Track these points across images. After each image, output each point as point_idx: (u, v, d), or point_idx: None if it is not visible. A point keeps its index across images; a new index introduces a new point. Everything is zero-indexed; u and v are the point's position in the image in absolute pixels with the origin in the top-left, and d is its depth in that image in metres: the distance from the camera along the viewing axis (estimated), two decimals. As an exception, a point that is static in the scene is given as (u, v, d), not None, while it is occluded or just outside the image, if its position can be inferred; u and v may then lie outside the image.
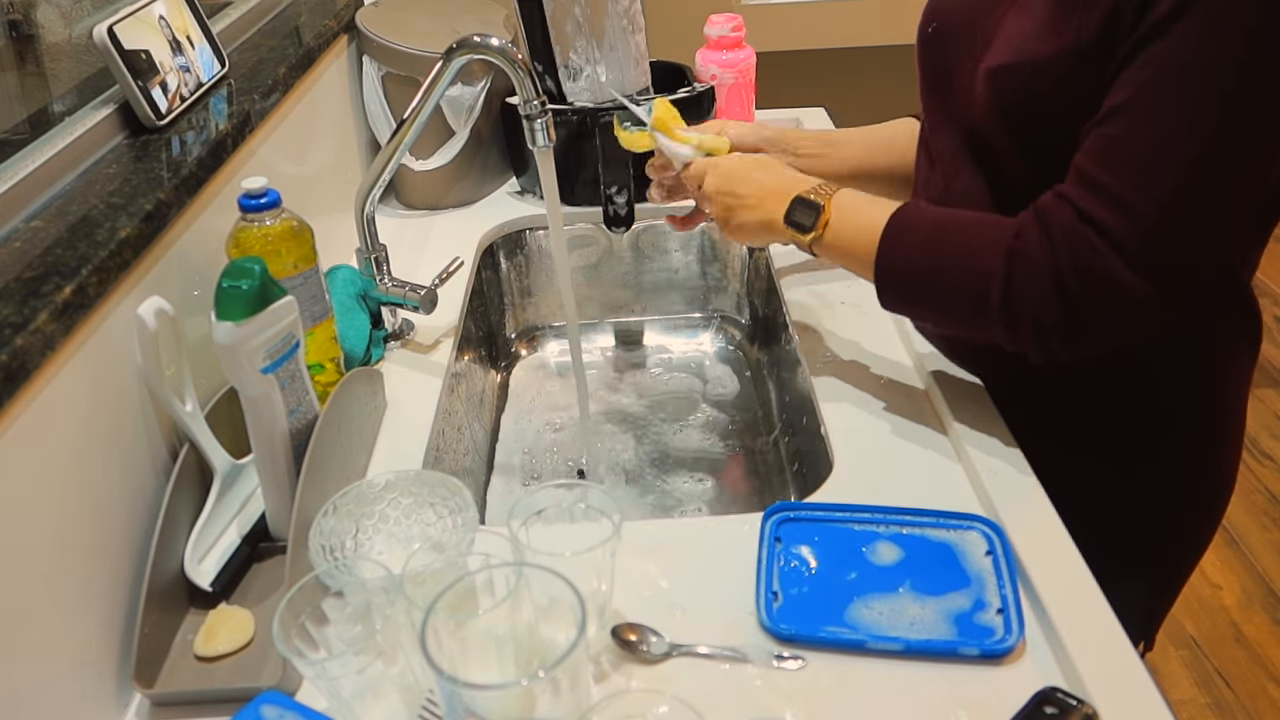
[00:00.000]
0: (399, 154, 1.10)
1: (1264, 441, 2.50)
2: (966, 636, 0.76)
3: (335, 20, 1.40)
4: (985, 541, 0.83)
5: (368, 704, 0.68)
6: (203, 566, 0.84)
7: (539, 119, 1.00)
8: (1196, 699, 1.91)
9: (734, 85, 1.51)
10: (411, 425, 1.04)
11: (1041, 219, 0.81)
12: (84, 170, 0.92)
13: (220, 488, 0.87)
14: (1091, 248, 0.77)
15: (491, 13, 1.53)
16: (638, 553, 0.85)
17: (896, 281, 0.89)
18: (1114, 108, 0.77)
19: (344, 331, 1.09)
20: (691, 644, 0.76)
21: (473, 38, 1.01)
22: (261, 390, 0.83)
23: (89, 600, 0.74)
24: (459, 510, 0.81)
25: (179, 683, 0.77)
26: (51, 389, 0.71)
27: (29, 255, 0.77)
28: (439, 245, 1.38)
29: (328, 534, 0.79)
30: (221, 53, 1.14)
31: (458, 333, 1.20)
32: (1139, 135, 0.76)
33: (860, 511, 0.87)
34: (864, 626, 0.77)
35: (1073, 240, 0.78)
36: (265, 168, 1.11)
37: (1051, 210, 0.80)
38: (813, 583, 0.81)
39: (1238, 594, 2.12)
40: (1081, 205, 0.78)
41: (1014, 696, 0.71)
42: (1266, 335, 2.89)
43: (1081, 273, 0.78)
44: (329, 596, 0.71)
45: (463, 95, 1.43)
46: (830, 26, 2.43)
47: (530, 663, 0.72)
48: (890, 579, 0.81)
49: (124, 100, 0.99)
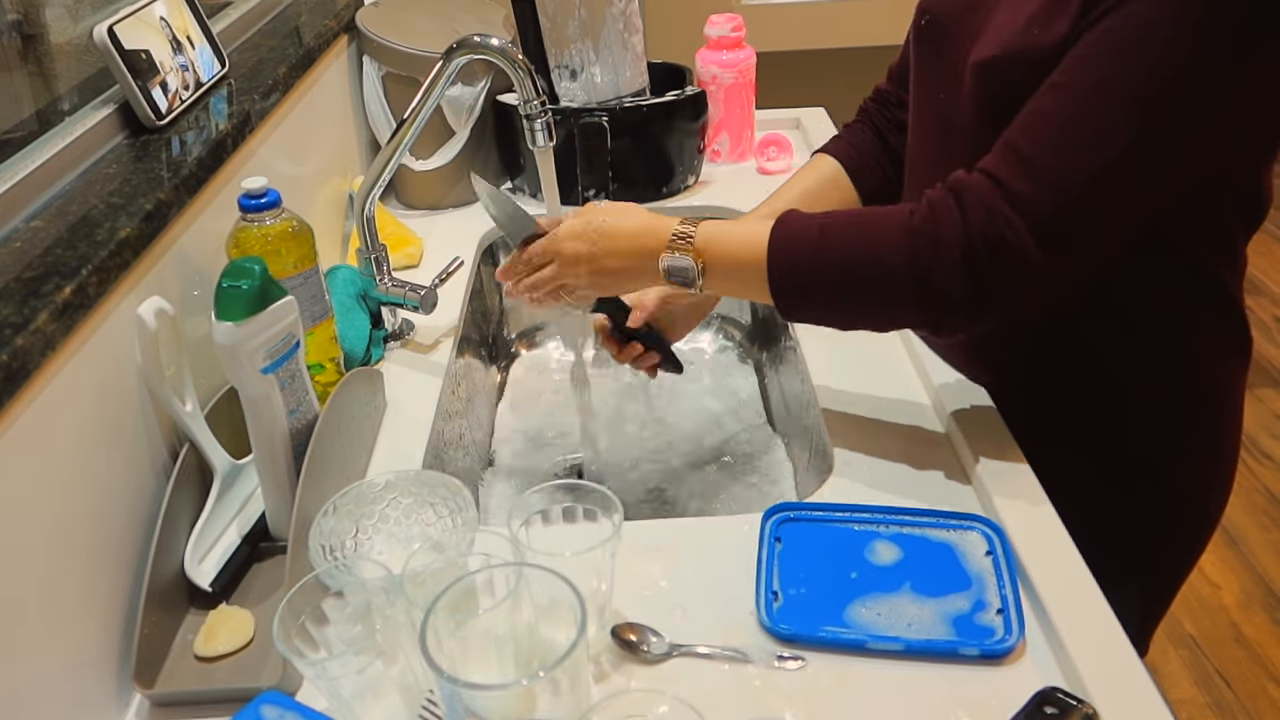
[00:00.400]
0: (399, 154, 1.10)
1: (1264, 441, 2.50)
2: (966, 637, 0.75)
3: (335, 20, 1.40)
4: (985, 542, 0.83)
5: (368, 704, 0.68)
6: (203, 567, 0.84)
7: (539, 119, 1.00)
8: (1196, 699, 1.91)
9: (734, 85, 1.51)
10: (411, 425, 1.04)
11: (956, 191, 0.81)
12: (84, 170, 0.92)
13: (220, 488, 0.87)
14: (1004, 217, 0.78)
15: (491, 13, 1.53)
16: (638, 553, 0.85)
17: (794, 289, 0.86)
18: (1051, 84, 0.78)
19: (344, 331, 1.09)
20: (691, 644, 0.76)
21: (473, 38, 1.01)
22: (261, 390, 0.83)
23: (89, 600, 0.74)
24: (459, 510, 0.81)
25: (179, 683, 0.77)
26: (51, 389, 0.71)
27: (29, 255, 0.77)
28: (439, 245, 1.38)
29: (328, 534, 0.79)
30: (221, 53, 1.14)
31: (458, 333, 1.20)
32: (1067, 110, 0.77)
33: (860, 511, 0.87)
34: (864, 627, 0.77)
35: (987, 210, 0.78)
36: (265, 168, 1.11)
37: (968, 183, 0.80)
38: (813, 583, 0.81)
39: (1237, 594, 2.12)
40: (1000, 175, 0.79)
41: (1014, 697, 0.71)
42: (1266, 335, 2.89)
43: (992, 242, 0.78)
44: (329, 596, 0.71)
45: (463, 95, 1.43)
46: (830, 26, 2.44)
47: (530, 663, 0.72)
48: (890, 579, 0.81)
49: (124, 100, 0.99)
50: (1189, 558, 1.05)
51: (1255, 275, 3.14)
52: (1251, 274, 3.00)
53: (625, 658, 0.76)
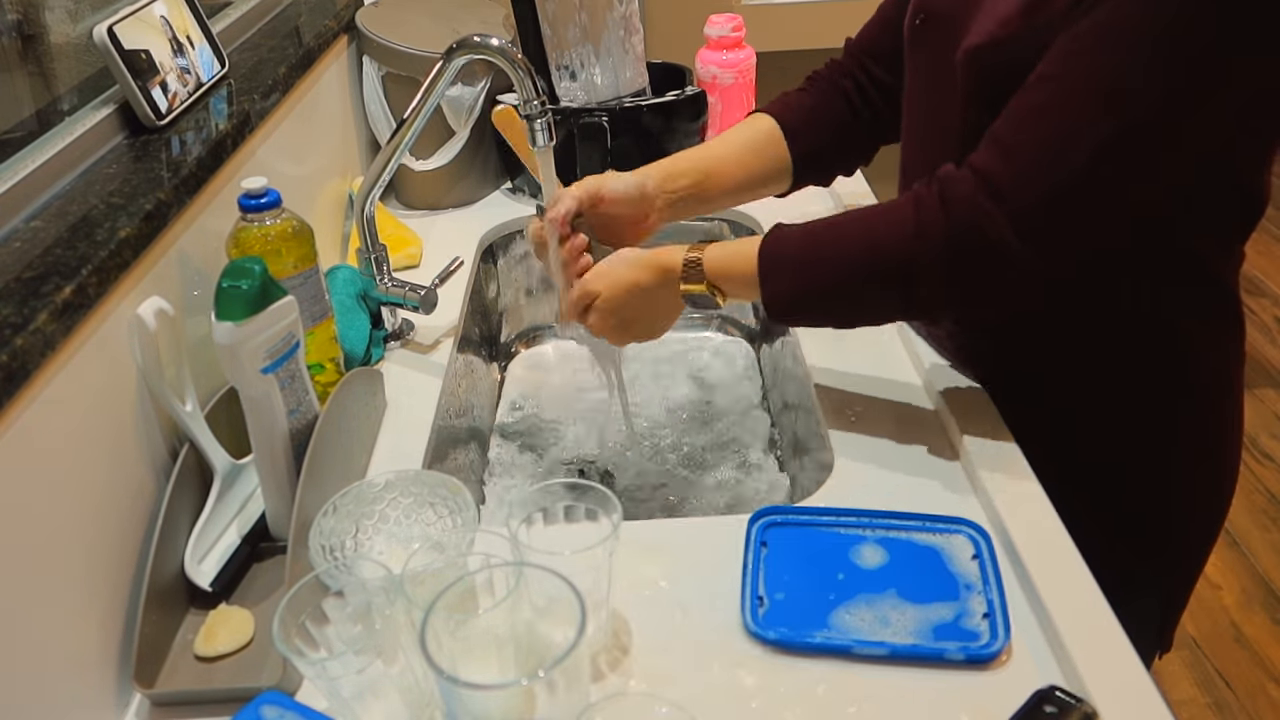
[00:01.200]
0: (399, 154, 1.10)
1: (1264, 441, 2.50)
2: (952, 641, 0.75)
3: (335, 20, 1.40)
4: (972, 545, 0.83)
5: (368, 704, 0.68)
6: (203, 566, 0.84)
7: (539, 119, 1.00)
8: (1196, 699, 1.91)
9: (734, 85, 1.51)
10: (411, 425, 1.04)
11: (940, 184, 0.81)
12: (84, 170, 0.92)
13: (220, 488, 0.87)
14: (984, 210, 0.78)
15: (491, 13, 1.53)
16: (637, 553, 0.85)
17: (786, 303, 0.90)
18: (1037, 76, 0.78)
19: (344, 332, 1.09)
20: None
21: (473, 38, 1.01)
22: (261, 390, 0.83)
23: (89, 600, 0.74)
24: (459, 510, 0.81)
25: (179, 683, 0.77)
26: (51, 389, 0.71)
27: (29, 255, 0.77)
28: (439, 245, 1.38)
29: (328, 534, 0.79)
30: (221, 53, 1.14)
31: (457, 333, 1.20)
32: (1050, 102, 0.77)
33: (846, 515, 0.87)
34: (850, 631, 0.76)
35: (969, 202, 0.79)
36: (265, 168, 1.11)
37: (953, 177, 0.81)
38: (799, 587, 0.81)
39: (1238, 594, 2.12)
40: (982, 167, 0.79)
41: (1013, 698, 0.71)
42: (1267, 335, 2.89)
43: (972, 234, 0.79)
44: (329, 596, 0.71)
45: (463, 95, 1.43)
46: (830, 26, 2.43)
47: (530, 663, 0.73)
48: (876, 583, 0.81)
49: (124, 100, 0.99)
50: (1198, 557, 1.05)
51: (1255, 275, 3.14)
52: (1252, 274, 3.00)
53: (624, 658, 0.76)
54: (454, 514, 0.82)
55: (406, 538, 0.83)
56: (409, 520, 0.83)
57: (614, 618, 0.79)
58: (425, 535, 0.82)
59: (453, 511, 0.82)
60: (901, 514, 0.86)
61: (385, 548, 0.82)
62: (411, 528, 0.83)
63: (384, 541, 0.83)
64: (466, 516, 0.79)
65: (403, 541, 0.82)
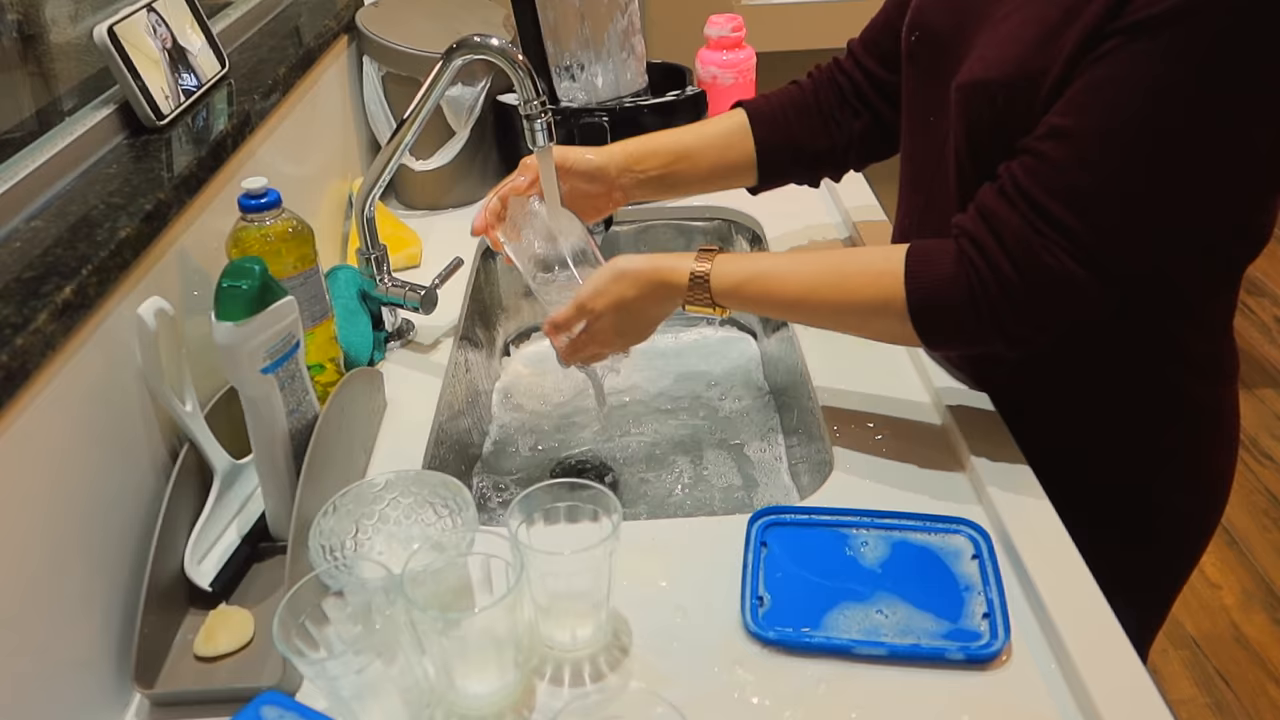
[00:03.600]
0: (399, 154, 1.10)
1: (1264, 441, 2.50)
2: (952, 641, 0.75)
3: (335, 20, 1.40)
4: (971, 545, 0.83)
5: (367, 704, 0.68)
6: (203, 566, 0.84)
7: (539, 119, 1.00)
8: (1196, 699, 1.91)
9: (734, 85, 1.51)
10: (411, 425, 1.04)
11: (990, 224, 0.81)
12: (84, 170, 0.92)
13: (220, 488, 0.87)
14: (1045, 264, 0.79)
15: (491, 13, 1.53)
16: (637, 553, 0.85)
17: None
18: (1058, 129, 0.77)
19: (347, 335, 1.09)
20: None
21: (473, 38, 1.01)
22: (261, 390, 0.83)
23: (88, 600, 0.74)
24: (459, 510, 0.81)
25: (179, 683, 0.77)
26: (51, 389, 0.71)
27: (29, 255, 0.77)
28: (439, 245, 1.38)
29: (328, 534, 0.79)
30: (221, 53, 1.14)
31: (457, 332, 1.20)
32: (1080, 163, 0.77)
33: (846, 515, 0.87)
34: (850, 631, 0.76)
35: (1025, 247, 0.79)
36: (265, 168, 1.11)
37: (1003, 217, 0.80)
38: (799, 587, 0.81)
39: (1238, 594, 2.12)
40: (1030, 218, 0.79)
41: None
42: (1267, 335, 2.89)
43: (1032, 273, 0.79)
44: (329, 596, 0.71)
45: (463, 95, 1.43)
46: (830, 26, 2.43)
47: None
48: (876, 583, 0.81)
49: (124, 100, 0.99)
50: (1179, 576, 1.05)
51: (1255, 275, 3.14)
52: (1252, 274, 3.00)
53: (623, 658, 0.76)
54: (454, 514, 0.82)
55: (406, 538, 0.83)
56: (409, 520, 0.83)
57: (614, 618, 0.79)
58: (425, 535, 0.82)
59: (453, 511, 0.82)
60: (902, 514, 0.86)
61: (385, 548, 0.82)
62: (411, 528, 0.83)
63: (384, 541, 0.83)
64: (466, 516, 0.79)
65: (403, 541, 0.82)
